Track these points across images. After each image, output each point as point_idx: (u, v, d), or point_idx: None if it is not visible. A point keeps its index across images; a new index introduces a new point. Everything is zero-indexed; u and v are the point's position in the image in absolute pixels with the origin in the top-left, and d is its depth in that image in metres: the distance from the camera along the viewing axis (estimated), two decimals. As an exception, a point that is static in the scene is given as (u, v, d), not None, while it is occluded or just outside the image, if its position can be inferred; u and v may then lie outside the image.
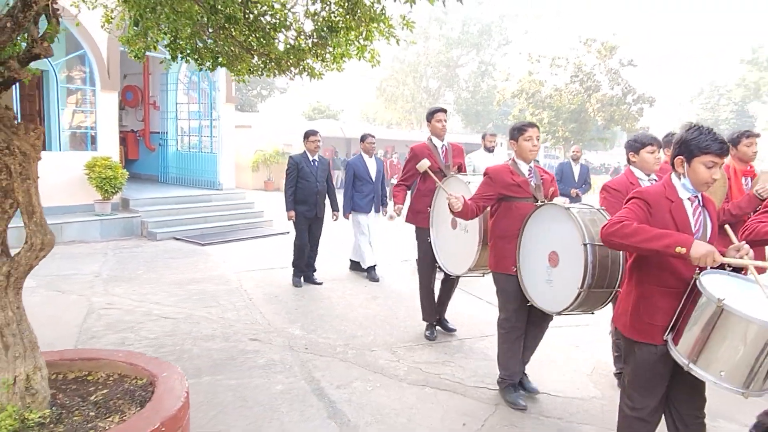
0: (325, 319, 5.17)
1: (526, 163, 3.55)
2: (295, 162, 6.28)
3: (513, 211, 3.46)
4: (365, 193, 6.76)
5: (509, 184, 3.48)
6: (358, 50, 3.56)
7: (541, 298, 3.31)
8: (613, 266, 3.01)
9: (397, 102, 39.19)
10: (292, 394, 3.59)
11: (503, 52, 40.64)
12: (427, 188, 4.54)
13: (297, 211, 6.25)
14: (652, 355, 2.34)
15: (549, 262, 3.23)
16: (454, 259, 4.21)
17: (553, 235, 3.20)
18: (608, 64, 25.44)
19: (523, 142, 3.50)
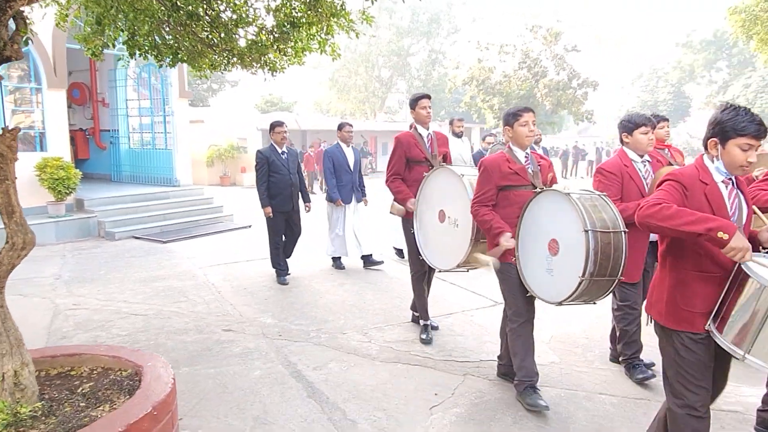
0: (295, 306, 5.31)
1: (522, 150, 3.38)
2: (264, 156, 6.11)
3: (512, 199, 3.31)
4: (344, 182, 6.67)
5: (506, 173, 3.30)
6: (320, 44, 3.69)
7: (541, 288, 3.17)
8: (615, 254, 2.88)
9: (350, 92, 39.17)
10: (270, 378, 3.73)
11: (453, 40, 41.19)
12: (413, 178, 4.31)
13: (272, 206, 6.10)
14: (694, 343, 2.24)
15: (549, 250, 3.08)
16: (440, 254, 4.01)
17: (553, 223, 3.07)
18: (554, 50, 26.25)
19: (518, 128, 3.32)
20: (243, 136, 20.07)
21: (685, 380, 2.28)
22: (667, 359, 2.35)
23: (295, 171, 6.26)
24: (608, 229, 2.88)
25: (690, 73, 46.33)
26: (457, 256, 3.79)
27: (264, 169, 6.08)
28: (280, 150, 6.19)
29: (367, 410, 3.29)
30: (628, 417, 3.21)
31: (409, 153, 4.35)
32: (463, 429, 3.08)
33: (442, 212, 3.93)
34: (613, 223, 2.93)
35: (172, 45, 4.16)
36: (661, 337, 2.38)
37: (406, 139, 4.39)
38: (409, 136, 4.40)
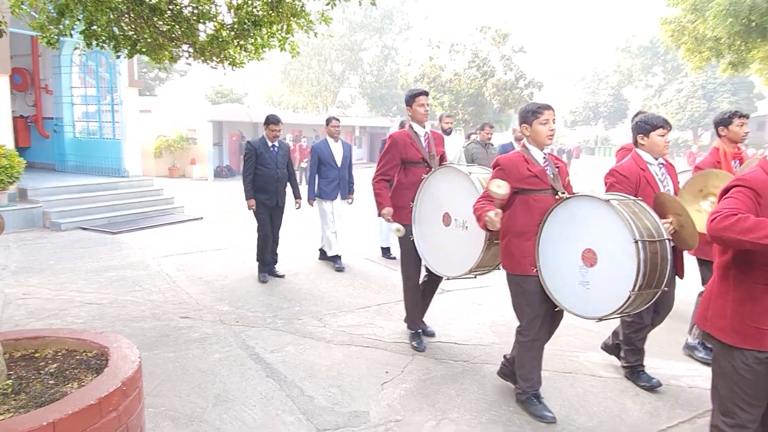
0: (251, 295, 5.47)
1: (540, 150, 3.14)
2: (253, 147, 5.91)
3: (531, 205, 3.06)
4: (330, 179, 6.45)
5: (526, 175, 3.05)
6: (280, 43, 3.88)
7: (574, 302, 2.93)
8: (662, 264, 2.76)
9: (302, 85, 38.95)
10: (230, 360, 3.91)
11: (405, 37, 41.62)
12: (410, 181, 4.03)
13: (257, 200, 5.90)
14: (758, 362, 2.12)
15: (583, 261, 2.86)
16: (447, 260, 3.77)
17: (588, 231, 2.85)
18: (502, 51, 27.07)
19: (538, 126, 3.07)
20: (193, 128, 19.74)
21: (740, 399, 2.16)
22: (723, 377, 2.22)
23: (284, 166, 6.04)
24: (654, 238, 2.74)
25: (628, 77, 48.73)
26: (468, 262, 3.55)
27: (251, 160, 5.89)
28: (271, 143, 5.98)
29: (323, 387, 3.53)
30: (557, 388, 3.58)
31: (405, 153, 4.05)
32: (411, 401, 3.37)
33: (447, 215, 3.70)
34: (657, 230, 2.80)
35: (130, 37, 4.24)
36: (720, 354, 2.23)
37: (402, 138, 4.06)
38: (405, 135, 4.08)
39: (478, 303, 5.35)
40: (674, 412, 3.27)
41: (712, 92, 42.29)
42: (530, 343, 3.17)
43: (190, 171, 19.63)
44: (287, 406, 3.27)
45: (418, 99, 4.06)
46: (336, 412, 3.22)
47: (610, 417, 3.20)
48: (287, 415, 3.17)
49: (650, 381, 3.55)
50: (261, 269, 6.05)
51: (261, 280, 5.93)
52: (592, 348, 4.20)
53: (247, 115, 22.69)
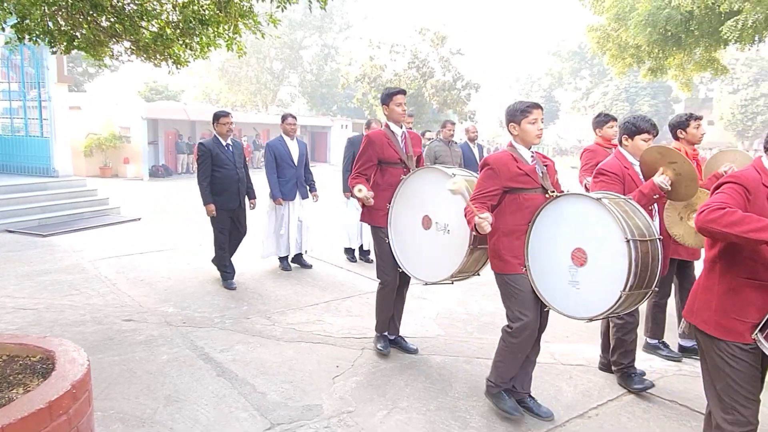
0: (196, 295, 5.41)
1: (527, 149, 3.11)
2: (206, 149, 5.53)
3: (521, 204, 3.03)
4: (287, 178, 6.26)
5: (516, 174, 3.01)
6: (227, 42, 3.89)
7: (564, 302, 2.91)
8: (653, 263, 2.74)
9: (241, 83, 38.18)
10: (179, 361, 3.88)
11: (345, 36, 41.64)
12: (387, 182, 3.91)
13: (216, 204, 5.59)
14: (743, 352, 2.16)
15: (573, 260, 2.83)
16: (426, 265, 3.66)
17: (579, 230, 2.82)
18: (440, 52, 27.66)
19: (526, 126, 3.04)
20: (126, 125, 18.97)
21: (736, 393, 2.18)
22: (714, 371, 2.25)
23: (241, 165, 5.77)
24: (645, 237, 2.72)
25: (559, 80, 50.99)
26: (449, 267, 3.45)
27: (206, 163, 5.52)
28: (225, 142, 5.64)
29: (275, 383, 3.58)
30: (500, 374, 3.80)
31: (382, 154, 3.92)
32: (362, 393, 3.48)
33: (427, 218, 3.59)
34: (648, 230, 2.78)
35: (67, 32, 4.12)
36: (706, 347, 2.27)
37: (378, 138, 3.93)
38: (382, 134, 3.96)
39: (422, 298, 5.54)
40: (603, 391, 3.56)
41: (635, 95, 44.97)
42: (521, 344, 3.07)
43: (124, 170, 18.87)
44: (240, 404, 3.30)
45: (395, 98, 3.93)
46: (289, 406, 3.29)
47: (547, 398, 3.44)
48: (241, 411, 3.21)
49: (643, 383, 3.52)
50: (225, 276, 5.78)
51: (229, 288, 5.66)
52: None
53: (184, 112, 22.05)
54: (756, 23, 8.34)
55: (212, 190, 5.56)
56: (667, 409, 3.34)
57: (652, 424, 3.16)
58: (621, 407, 3.35)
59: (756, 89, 40.59)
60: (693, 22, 9.69)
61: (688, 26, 9.83)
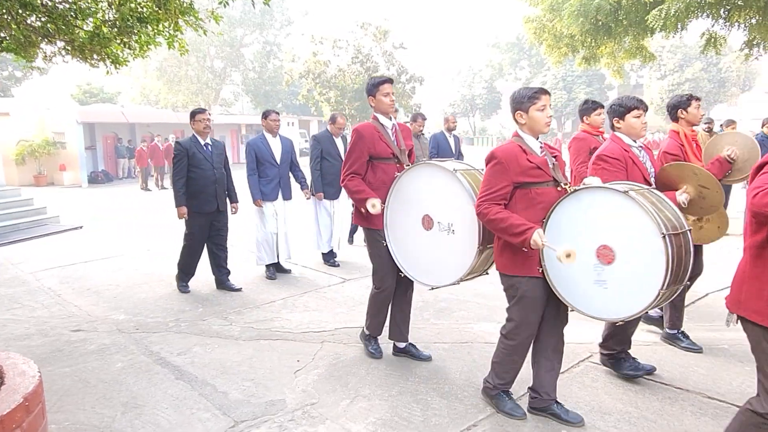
0: (148, 301, 5.29)
1: (536, 139, 2.89)
2: (183, 148, 5.25)
3: (533, 199, 2.80)
4: (270, 177, 5.92)
5: (526, 167, 2.78)
6: (168, 40, 3.81)
7: (589, 303, 2.72)
8: (686, 257, 2.60)
9: (181, 83, 37.07)
10: (135, 367, 3.80)
11: (286, 33, 41.11)
12: (380, 180, 3.62)
13: (191, 207, 5.31)
14: None
15: (598, 258, 2.65)
16: (430, 268, 3.42)
17: (604, 226, 2.64)
18: (383, 47, 27.78)
19: (535, 113, 2.82)
20: (60, 131, 18.12)
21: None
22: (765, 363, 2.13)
23: (221, 166, 5.47)
24: (678, 230, 2.59)
25: (499, 71, 52.20)
26: (457, 269, 3.24)
27: (182, 162, 5.24)
28: (203, 141, 5.36)
29: (236, 382, 3.57)
30: (456, 357, 3.92)
31: (373, 149, 3.62)
32: (324, 384, 3.52)
33: (428, 218, 3.33)
34: (678, 221, 2.65)
35: (-7, 33, 3.93)
36: (758, 338, 2.15)
37: (368, 131, 3.63)
38: (372, 128, 3.66)
39: (379, 289, 5.61)
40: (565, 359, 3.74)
41: (571, 84, 46.64)
42: (520, 346, 2.97)
43: (60, 178, 18.03)
44: (202, 405, 3.28)
45: (382, 87, 3.63)
46: (252, 403, 3.29)
47: (503, 376, 3.58)
48: (203, 412, 3.19)
49: (636, 370, 3.46)
50: (181, 278, 5.56)
51: (182, 291, 5.49)
52: (485, 319, 4.63)
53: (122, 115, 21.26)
54: (678, 12, 8.83)
55: (187, 192, 5.28)
56: (613, 377, 3.54)
57: (601, 392, 3.35)
58: (572, 378, 3.54)
59: (681, 74, 42.92)
60: (621, 11, 10.15)
61: (617, 16, 10.29)
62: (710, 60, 40.47)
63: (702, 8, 9.20)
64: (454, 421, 3.04)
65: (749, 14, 9.44)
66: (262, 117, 6.05)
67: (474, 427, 2.98)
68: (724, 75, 42.28)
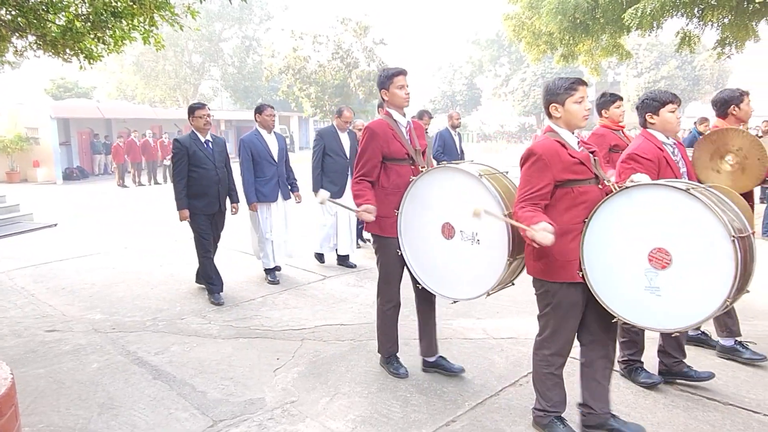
0: (125, 300, 5.22)
1: (572, 134, 2.67)
2: (183, 146, 4.93)
3: (576, 198, 2.56)
4: (268, 177, 5.53)
5: (569, 163, 2.55)
6: (143, 35, 3.75)
7: (637, 312, 2.50)
8: (752, 263, 2.42)
9: (159, 78, 36.46)
10: (111, 368, 3.75)
11: (266, 28, 40.71)
12: (394, 184, 3.30)
13: (193, 209, 4.99)
14: None
15: (651, 263, 2.43)
16: (452, 280, 3.16)
17: (658, 227, 2.41)
18: (363, 42, 27.69)
19: (572, 106, 2.61)
20: (33, 126, 17.72)
21: None
22: None
23: (222, 165, 5.16)
24: (743, 233, 2.38)
25: (479, 67, 52.44)
26: (485, 282, 2.99)
27: (183, 162, 4.92)
28: (204, 138, 5.04)
29: (215, 381, 3.55)
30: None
31: (387, 148, 3.29)
32: (304, 382, 3.52)
33: (448, 226, 3.08)
34: (741, 222, 2.45)
35: (-39, 27, 3.83)
36: None
37: (382, 128, 3.31)
38: (385, 125, 3.33)
39: (359, 286, 5.63)
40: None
41: (551, 81, 47.02)
42: (552, 358, 2.74)
43: (34, 174, 17.65)
44: (180, 404, 3.25)
45: (396, 79, 3.30)
46: (231, 402, 3.27)
47: (481, 371, 3.62)
48: (181, 412, 3.16)
49: (651, 378, 3.34)
50: (212, 290, 5.15)
51: (216, 303, 5.04)
52: (463, 315, 4.67)
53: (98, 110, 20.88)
54: (653, 11, 8.99)
55: (189, 193, 4.97)
56: (590, 370, 3.60)
57: (577, 386, 3.40)
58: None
59: (657, 72, 43.59)
60: (599, 10, 10.28)
61: (594, 14, 10.42)
62: (685, 58, 41.20)
63: (677, 7, 9.37)
64: (432, 417, 3.06)
65: (722, 14, 9.64)
66: (256, 112, 5.68)
67: (453, 422, 3.01)
68: (699, 73, 43.08)
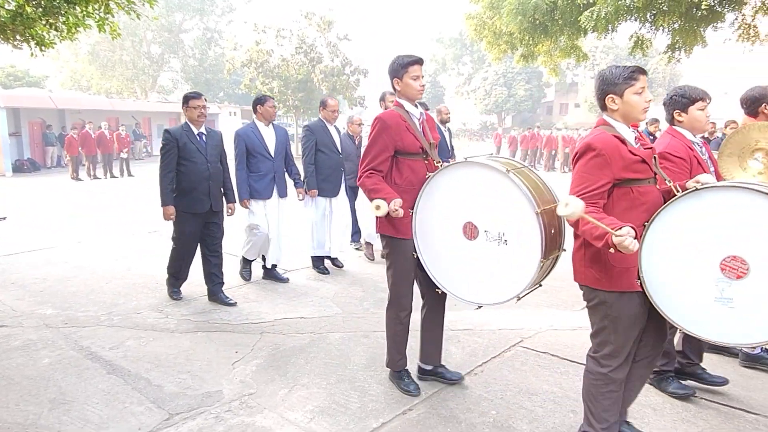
0: (79, 295, 5.09)
1: (628, 128, 2.41)
2: (173, 138, 4.57)
3: (635, 199, 2.33)
4: (263, 172, 5.18)
5: (631, 161, 2.31)
6: (98, 22, 3.66)
7: (704, 324, 2.31)
8: None
9: (115, 68, 35.35)
10: (63, 363, 3.67)
11: (228, 20, 39.99)
12: (407, 181, 3.08)
13: (180, 207, 4.64)
14: None
15: (724, 272, 2.24)
16: (476, 284, 2.95)
17: (733, 233, 2.22)
18: (327, 38, 27.52)
19: (631, 97, 2.34)
20: (-21, 116, 16.94)
21: None
22: None
23: (216, 160, 4.76)
24: None
25: (443, 66, 52.94)
26: (513, 285, 2.80)
27: (171, 154, 4.56)
28: (197, 131, 4.68)
29: (172, 375, 3.52)
30: (395, 344, 4.02)
31: (400, 141, 3.06)
32: (263, 375, 3.53)
33: (471, 226, 2.88)
34: None
35: None
36: None
37: (394, 120, 3.07)
38: (398, 117, 3.09)
39: (320, 280, 5.65)
40: (488, 350, 3.90)
41: (511, 80, 47.87)
42: (612, 376, 2.45)
43: (-20, 167, 16.87)
44: (135, 398, 3.22)
45: (411, 68, 3.08)
46: (188, 395, 3.26)
47: (438, 362, 3.71)
48: (136, 406, 3.13)
49: (684, 389, 3.20)
50: (172, 283, 4.97)
51: (174, 297, 4.90)
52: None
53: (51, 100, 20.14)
54: (608, 14, 9.30)
55: (176, 189, 4.62)
56: (541, 359, 3.75)
57: (529, 374, 3.54)
58: (503, 362, 3.71)
59: (614, 74, 44.89)
60: (557, 11, 10.55)
61: (553, 15, 10.69)
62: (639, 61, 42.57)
63: (630, 12, 9.71)
64: (390, 406, 3.13)
65: (672, 19, 10.03)
66: (256, 104, 5.27)
67: (409, 411, 3.08)
68: (652, 76, 44.56)
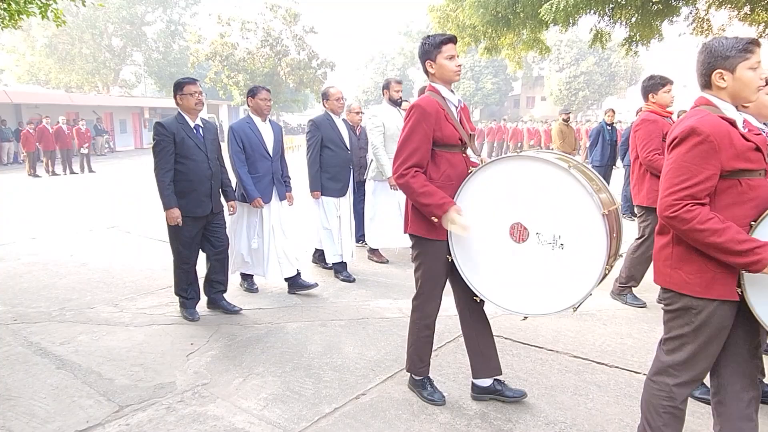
0: (29, 291, 4.97)
1: (737, 111, 2.06)
2: (168, 132, 3.99)
3: (744, 193, 1.99)
4: (261, 173, 4.68)
5: (744, 148, 1.96)
6: (41, 9, 3.56)
7: None
8: None
9: (75, 62, 34.32)
10: (10, 359, 3.58)
11: (192, 12, 39.23)
12: (444, 176, 2.76)
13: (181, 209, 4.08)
14: None
15: None
16: (524, 292, 2.66)
17: None
18: (293, 30, 27.31)
19: (746, 73, 1.98)
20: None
21: None
22: None
23: (215, 156, 4.24)
24: None
25: (411, 59, 53.07)
26: (569, 294, 2.52)
27: (168, 151, 3.98)
28: (193, 123, 4.12)
29: (124, 368, 3.47)
30: (352, 333, 4.04)
31: (439, 131, 2.72)
32: (217, 365, 3.51)
33: (520, 227, 2.60)
34: None
35: None
36: None
37: (434, 107, 2.71)
38: (437, 105, 2.73)
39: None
40: (442, 335, 3.95)
41: (479, 74, 48.33)
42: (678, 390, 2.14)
43: (-71, 163, 16.20)
44: (84, 392, 3.16)
45: (445, 48, 2.73)
46: (139, 387, 3.22)
47: (395, 348, 3.76)
48: (85, 399, 3.08)
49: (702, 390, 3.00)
50: (185, 305, 4.35)
51: (189, 318, 4.29)
52: (382, 296, 4.80)
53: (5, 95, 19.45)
54: (567, 7, 9.48)
55: (175, 190, 4.06)
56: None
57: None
58: (457, 346, 3.77)
59: (577, 68, 45.76)
60: (519, 4, 10.68)
61: (515, 8, 10.82)
62: (602, 55, 43.46)
63: (589, 5, 9.91)
64: (344, 392, 3.15)
65: (629, 12, 10.29)
66: (248, 95, 4.71)
67: (363, 395, 3.12)
68: (614, 69, 45.60)
